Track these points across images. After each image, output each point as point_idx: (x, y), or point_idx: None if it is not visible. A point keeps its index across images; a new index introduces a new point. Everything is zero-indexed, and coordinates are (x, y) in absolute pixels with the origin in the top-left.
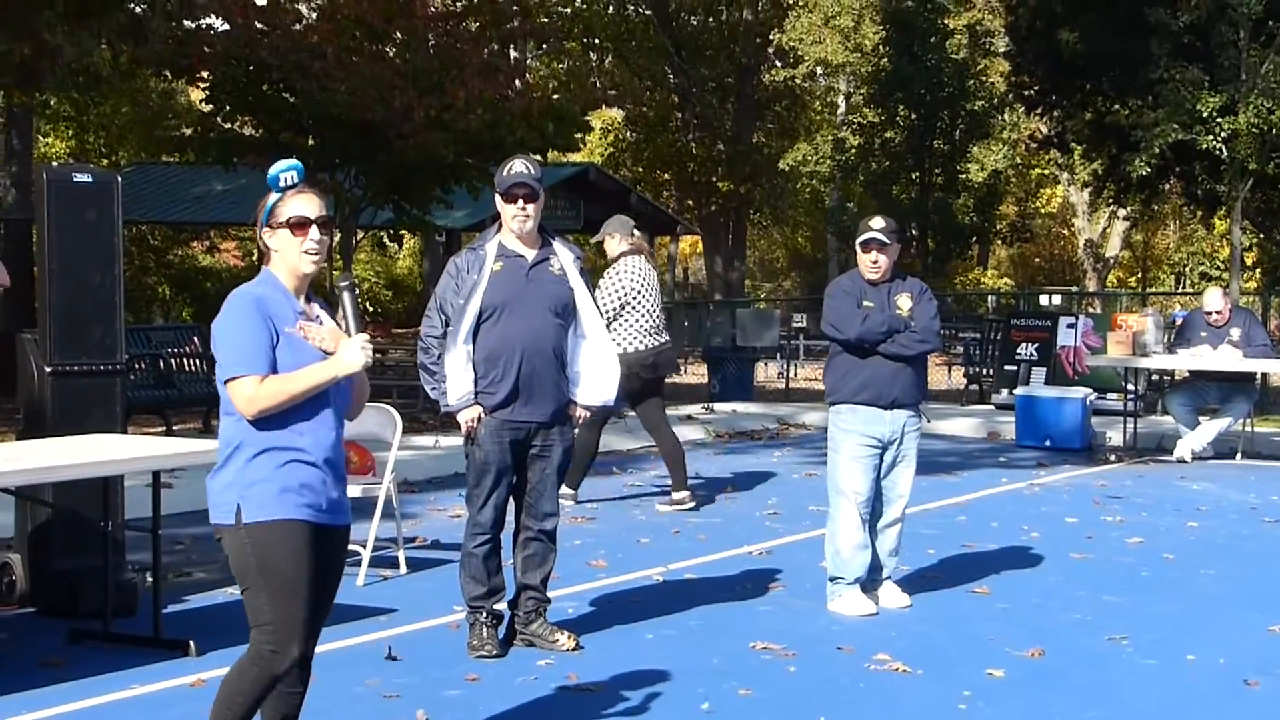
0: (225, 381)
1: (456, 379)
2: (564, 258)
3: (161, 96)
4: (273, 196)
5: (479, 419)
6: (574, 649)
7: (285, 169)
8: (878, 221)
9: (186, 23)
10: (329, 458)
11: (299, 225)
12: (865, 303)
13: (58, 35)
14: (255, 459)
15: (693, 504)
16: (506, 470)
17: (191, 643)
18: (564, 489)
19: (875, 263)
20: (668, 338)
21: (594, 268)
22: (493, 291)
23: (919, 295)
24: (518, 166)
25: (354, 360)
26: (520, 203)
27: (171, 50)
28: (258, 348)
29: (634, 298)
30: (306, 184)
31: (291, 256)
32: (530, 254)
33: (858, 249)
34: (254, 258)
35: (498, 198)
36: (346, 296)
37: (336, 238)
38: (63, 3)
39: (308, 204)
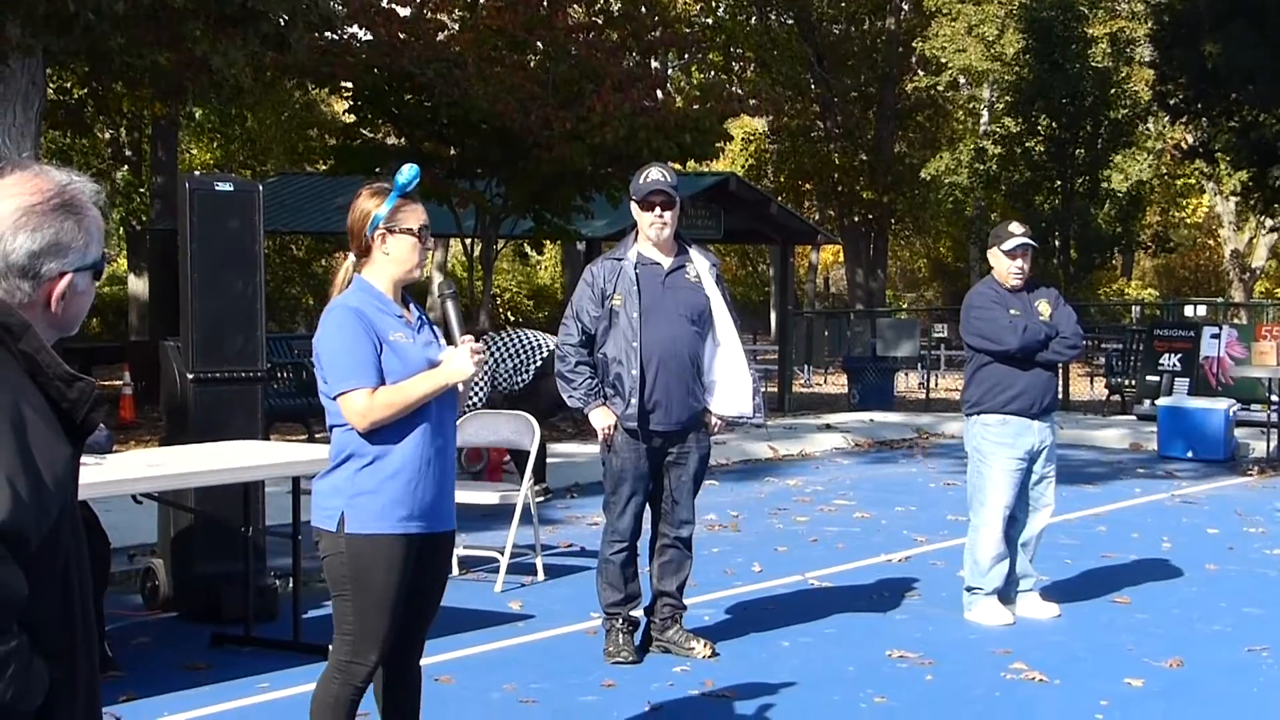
0: (335, 396)
1: (594, 386)
2: (700, 265)
3: (304, 108)
4: (383, 203)
5: (615, 426)
6: (710, 656)
7: (414, 175)
8: (1018, 226)
9: (329, 34)
10: (435, 466)
11: (422, 232)
12: (1012, 311)
13: (203, 46)
14: (364, 469)
15: None
16: (643, 478)
17: (331, 647)
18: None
19: (1022, 269)
20: None
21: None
22: (630, 299)
23: (1055, 300)
24: (654, 174)
25: (463, 368)
26: (657, 210)
27: (315, 59)
28: (365, 361)
29: None
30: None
31: (408, 262)
32: (667, 261)
33: (1001, 255)
34: None
35: (634, 205)
36: (450, 304)
37: (449, 247)
38: (206, 14)
39: (423, 213)
